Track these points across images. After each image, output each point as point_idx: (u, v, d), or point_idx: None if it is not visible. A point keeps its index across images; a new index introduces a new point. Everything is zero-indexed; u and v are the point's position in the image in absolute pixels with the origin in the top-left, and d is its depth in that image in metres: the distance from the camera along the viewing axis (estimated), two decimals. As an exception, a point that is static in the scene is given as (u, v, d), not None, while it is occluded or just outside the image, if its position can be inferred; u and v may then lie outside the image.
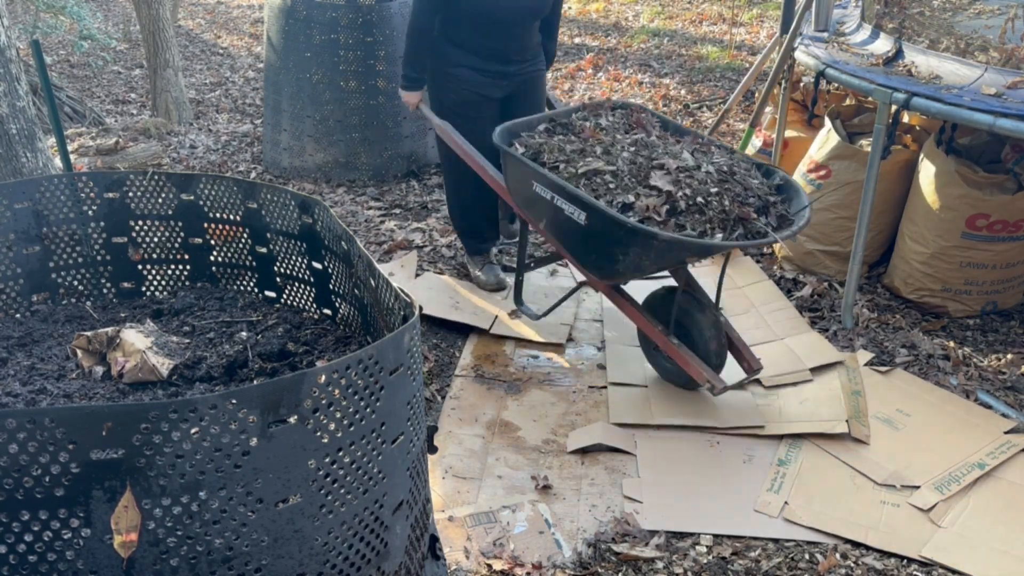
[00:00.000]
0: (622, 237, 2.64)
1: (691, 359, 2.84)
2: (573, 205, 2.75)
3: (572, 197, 2.74)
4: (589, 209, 2.69)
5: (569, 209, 2.77)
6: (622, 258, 2.70)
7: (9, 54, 3.12)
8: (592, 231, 2.73)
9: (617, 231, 2.63)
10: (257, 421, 1.32)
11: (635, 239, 2.60)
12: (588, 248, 2.82)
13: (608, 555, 2.36)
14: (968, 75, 3.22)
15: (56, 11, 6.43)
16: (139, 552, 1.30)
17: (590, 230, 2.73)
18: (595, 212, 2.67)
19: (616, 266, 2.75)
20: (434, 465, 2.69)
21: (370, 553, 1.53)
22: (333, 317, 2.19)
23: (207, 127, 6.12)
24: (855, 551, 2.35)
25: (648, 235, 2.55)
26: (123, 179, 2.24)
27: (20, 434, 1.23)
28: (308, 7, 4.79)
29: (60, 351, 2.00)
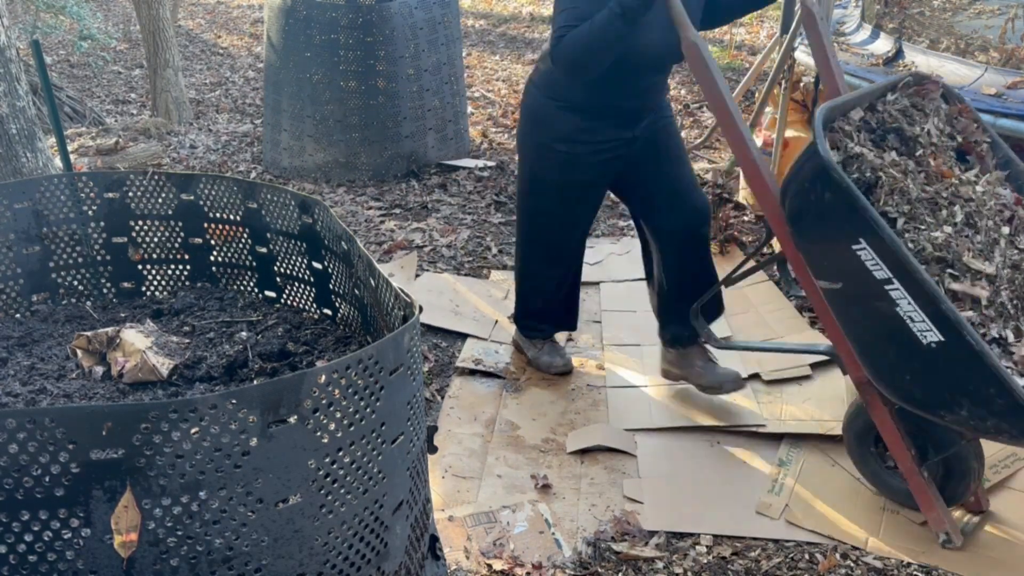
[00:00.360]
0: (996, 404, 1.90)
1: (938, 505, 2.26)
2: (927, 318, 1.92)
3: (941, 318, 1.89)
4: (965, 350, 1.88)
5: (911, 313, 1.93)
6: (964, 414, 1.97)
7: (9, 54, 3.12)
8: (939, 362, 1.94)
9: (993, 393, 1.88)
10: (257, 421, 1.32)
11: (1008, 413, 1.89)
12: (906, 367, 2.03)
13: (608, 554, 2.36)
14: (968, 75, 3.23)
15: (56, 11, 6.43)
16: (139, 552, 1.30)
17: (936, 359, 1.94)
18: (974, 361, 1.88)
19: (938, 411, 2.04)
20: (433, 464, 2.69)
21: (370, 553, 1.53)
22: (333, 317, 2.19)
23: (207, 127, 6.13)
24: (855, 551, 2.35)
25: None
26: (123, 179, 2.24)
27: (20, 434, 1.23)
28: (308, 7, 4.79)
29: (60, 351, 2.00)
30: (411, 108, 5.02)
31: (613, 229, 4.40)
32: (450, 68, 5.21)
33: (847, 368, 2.36)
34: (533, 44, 8.22)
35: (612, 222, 4.48)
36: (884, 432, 2.31)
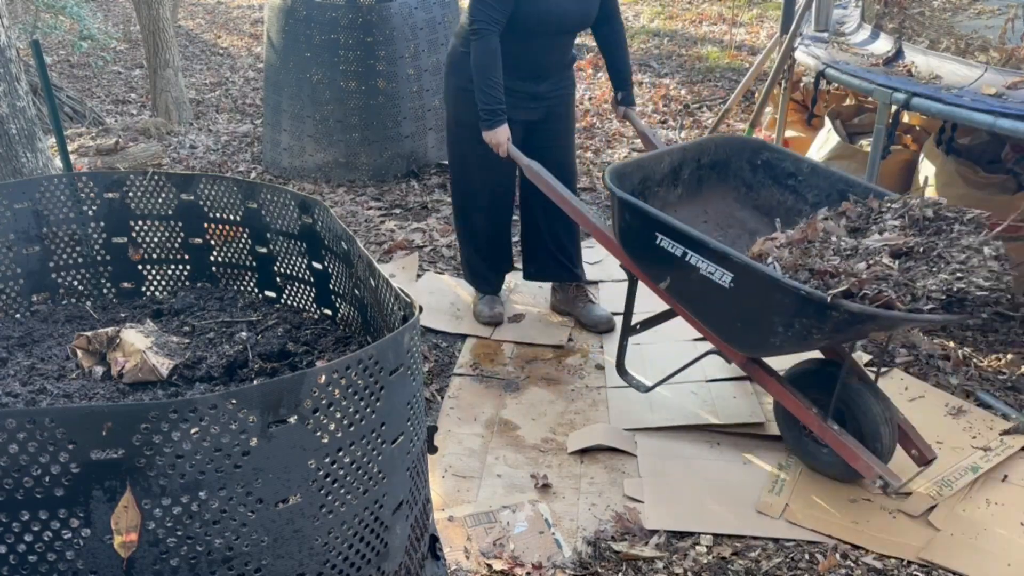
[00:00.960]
0: (788, 306, 2.21)
1: (859, 449, 2.37)
2: (715, 264, 2.32)
3: (717, 255, 2.31)
4: (741, 271, 2.27)
5: (707, 267, 2.34)
6: (782, 330, 2.25)
7: (9, 54, 3.12)
8: (742, 295, 2.30)
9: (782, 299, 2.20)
10: (257, 421, 1.32)
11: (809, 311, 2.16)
12: (733, 316, 2.39)
13: (608, 554, 2.36)
14: (968, 75, 3.23)
15: (56, 11, 6.44)
16: (139, 552, 1.30)
17: (739, 293, 2.30)
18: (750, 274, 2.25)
19: (771, 339, 2.31)
20: (433, 464, 2.69)
21: (370, 553, 1.53)
22: (333, 317, 2.19)
23: (207, 127, 6.13)
24: (855, 551, 2.35)
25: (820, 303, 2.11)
26: (123, 179, 2.24)
27: (20, 434, 1.23)
28: (308, 7, 4.79)
29: (60, 351, 2.00)
30: (411, 108, 5.02)
31: (613, 229, 4.40)
32: (450, 68, 5.20)
33: (727, 355, 2.63)
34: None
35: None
36: (781, 399, 2.52)
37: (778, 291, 2.21)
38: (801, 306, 2.18)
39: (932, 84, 3.21)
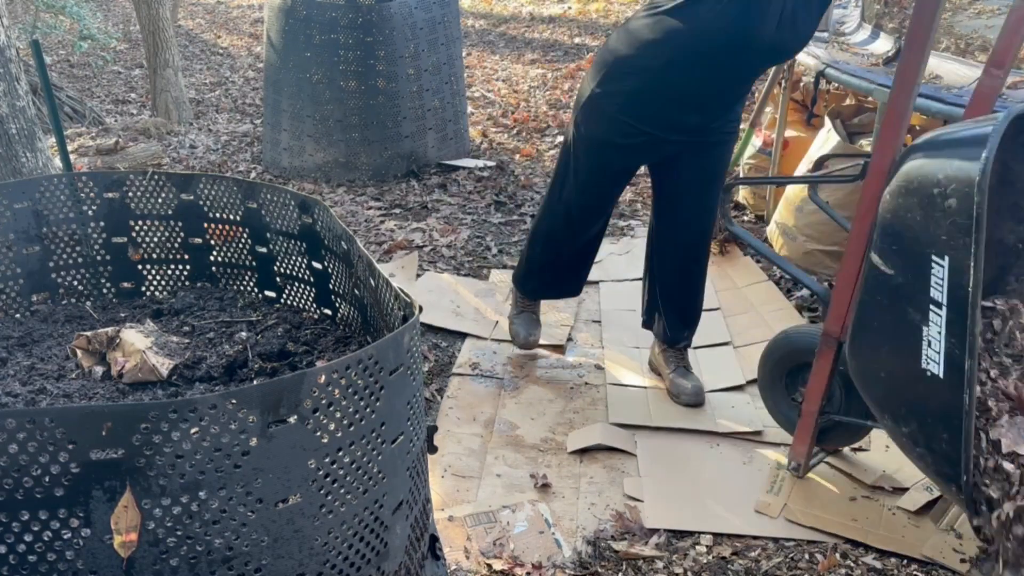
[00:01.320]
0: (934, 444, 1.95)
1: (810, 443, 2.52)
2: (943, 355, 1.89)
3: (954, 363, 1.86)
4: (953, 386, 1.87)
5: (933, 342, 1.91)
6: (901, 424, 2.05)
7: (9, 54, 3.12)
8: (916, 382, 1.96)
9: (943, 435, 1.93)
10: (257, 421, 1.32)
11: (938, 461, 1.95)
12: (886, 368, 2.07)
13: (608, 553, 2.36)
14: (968, 75, 3.23)
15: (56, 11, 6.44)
16: (139, 552, 1.30)
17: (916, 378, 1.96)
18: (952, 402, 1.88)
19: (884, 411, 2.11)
20: (433, 464, 2.69)
21: (370, 553, 1.53)
22: (333, 317, 2.19)
23: (207, 127, 6.13)
24: (855, 551, 2.35)
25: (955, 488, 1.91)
26: (123, 179, 2.24)
27: (20, 434, 1.23)
28: (308, 7, 4.80)
29: (60, 351, 2.00)
30: (411, 108, 5.02)
31: (613, 229, 4.40)
32: (450, 68, 5.21)
33: (827, 318, 2.38)
34: (533, 44, 8.22)
35: (612, 222, 4.48)
36: (815, 378, 2.44)
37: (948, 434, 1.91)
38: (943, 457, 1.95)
39: (932, 84, 3.21)
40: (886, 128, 2.13)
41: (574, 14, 9.23)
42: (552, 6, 9.60)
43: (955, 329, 1.86)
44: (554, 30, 8.65)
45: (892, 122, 2.12)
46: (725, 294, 3.71)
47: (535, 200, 4.67)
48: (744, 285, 3.77)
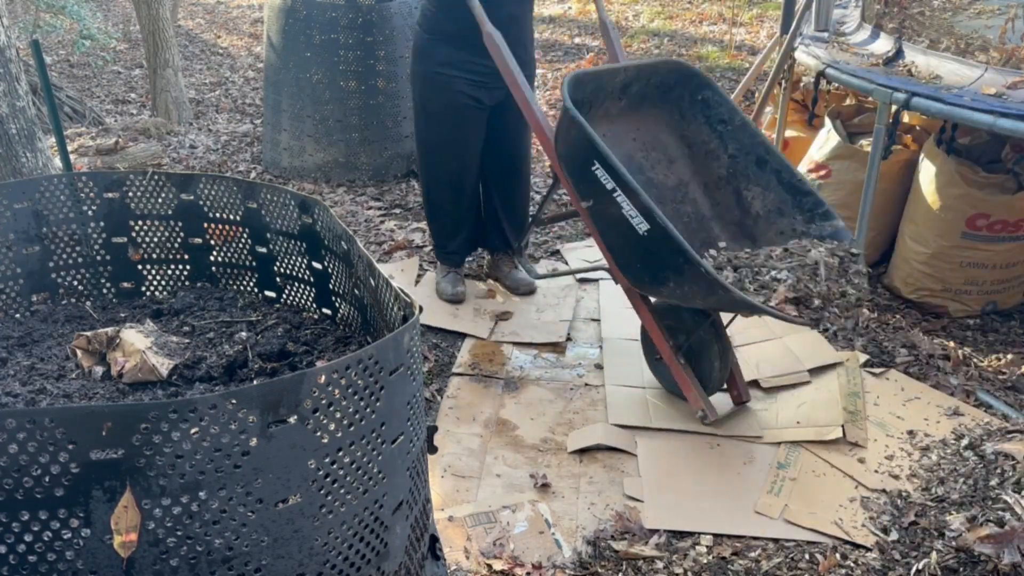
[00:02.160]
0: (686, 272, 2.47)
1: (693, 384, 2.83)
2: (637, 212, 2.52)
3: (643, 208, 2.50)
4: (659, 230, 2.48)
5: (630, 211, 2.53)
6: (672, 285, 2.56)
7: (9, 54, 3.12)
8: (651, 246, 2.53)
9: (681, 263, 2.46)
10: (257, 421, 1.32)
11: (700, 281, 2.45)
12: (636, 256, 2.64)
13: (607, 553, 2.36)
14: (968, 75, 3.23)
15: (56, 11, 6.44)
16: (139, 552, 1.30)
17: (649, 243, 2.53)
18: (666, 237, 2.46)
19: (660, 287, 2.64)
20: (433, 464, 2.69)
21: (370, 553, 1.53)
22: (333, 317, 2.19)
23: (207, 127, 6.13)
24: (855, 551, 2.35)
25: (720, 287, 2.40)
26: (123, 179, 2.24)
27: (20, 434, 1.23)
28: (308, 7, 4.79)
29: (60, 351, 2.00)
30: (411, 108, 5.00)
31: (613, 229, 4.40)
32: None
33: (615, 277, 2.88)
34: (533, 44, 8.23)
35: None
36: (647, 326, 2.88)
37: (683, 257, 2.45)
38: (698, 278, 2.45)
39: (932, 84, 3.21)
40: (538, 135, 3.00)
41: (574, 14, 9.23)
42: (552, 6, 9.60)
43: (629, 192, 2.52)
44: (554, 30, 8.65)
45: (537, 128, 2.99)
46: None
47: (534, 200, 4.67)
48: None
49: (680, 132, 3.03)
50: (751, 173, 2.89)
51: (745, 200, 2.91)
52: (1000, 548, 2.19)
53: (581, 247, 4.17)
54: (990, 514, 2.30)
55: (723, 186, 2.96)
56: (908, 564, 2.27)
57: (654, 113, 3.03)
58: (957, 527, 2.30)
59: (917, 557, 2.28)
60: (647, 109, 3.02)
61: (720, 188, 2.97)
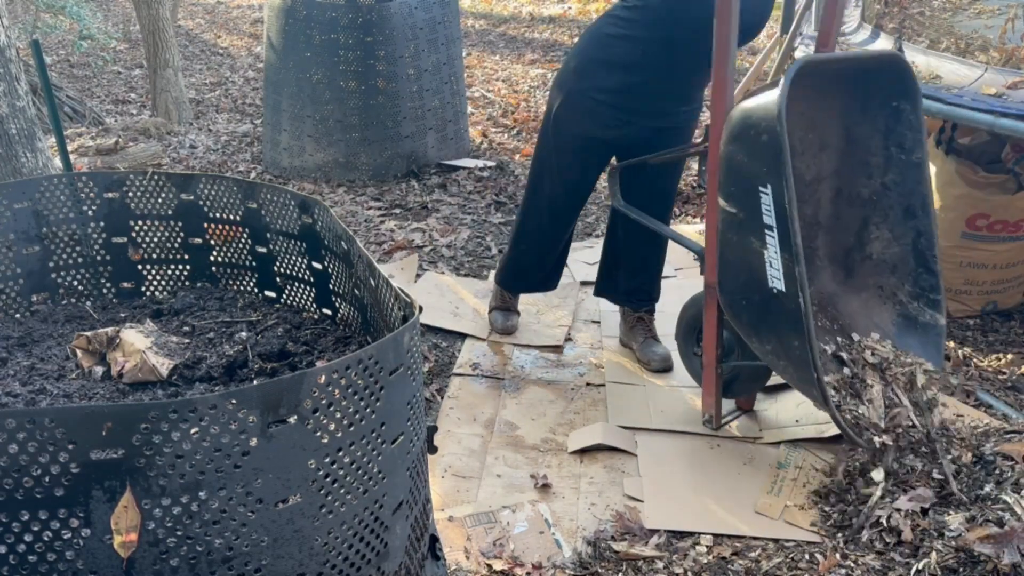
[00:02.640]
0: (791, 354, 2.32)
1: (717, 393, 2.76)
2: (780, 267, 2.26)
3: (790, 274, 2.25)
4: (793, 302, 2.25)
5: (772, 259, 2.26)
6: (768, 348, 2.42)
7: (9, 54, 3.12)
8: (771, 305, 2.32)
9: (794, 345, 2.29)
10: (257, 421, 1.32)
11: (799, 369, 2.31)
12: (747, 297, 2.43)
13: (608, 553, 2.36)
14: (968, 75, 3.23)
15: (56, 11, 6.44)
16: (139, 552, 1.30)
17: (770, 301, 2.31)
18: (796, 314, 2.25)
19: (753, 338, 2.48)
20: (433, 464, 2.69)
21: (370, 553, 1.53)
22: (333, 317, 2.19)
23: (207, 127, 6.13)
24: (856, 551, 2.35)
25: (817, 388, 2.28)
26: (123, 179, 2.24)
27: (20, 434, 1.23)
28: (308, 7, 4.80)
29: (60, 351, 2.00)
30: (411, 108, 5.02)
31: (613, 229, 4.40)
32: (450, 68, 5.21)
33: (705, 270, 2.64)
34: (533, 44, 8.22)
35: (612, 222, 4.48)
36: (707, 328, 2.70)
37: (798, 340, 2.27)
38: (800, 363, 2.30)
39: (932, 84, 3.21)
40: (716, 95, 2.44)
41: (574, 14, 9.23)
42: (552, 6, 9.60)
43: (786, 245, 2.22)
44: (554, 30, 8.65)
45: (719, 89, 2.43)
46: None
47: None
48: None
49: (851, 124, 2.60)
50: (892, 215, 2.57)
51: (868, 235, 2.62)
52: (1000, 548, 2.19)
53: (581, 247, 4.17)
54: (990, 514, 2.30)
55: (856, 205, 2.63)
56: (908, 564, 2.27)
57: (839, 94, 2.58)
58: (957, 527, 2.30)
59: (917, 557, 2.28)
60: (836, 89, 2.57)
61: (852, 205, 2.63)
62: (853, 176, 2.63)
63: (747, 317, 2.46)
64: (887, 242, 2.60)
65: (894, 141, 2.55)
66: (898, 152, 2.55)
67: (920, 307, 2.55)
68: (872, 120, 2.57)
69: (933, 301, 2.54)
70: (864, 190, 2.62)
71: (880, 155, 2.57)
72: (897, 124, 2.53)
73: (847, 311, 2.64)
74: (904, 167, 2.54)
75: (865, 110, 2.57)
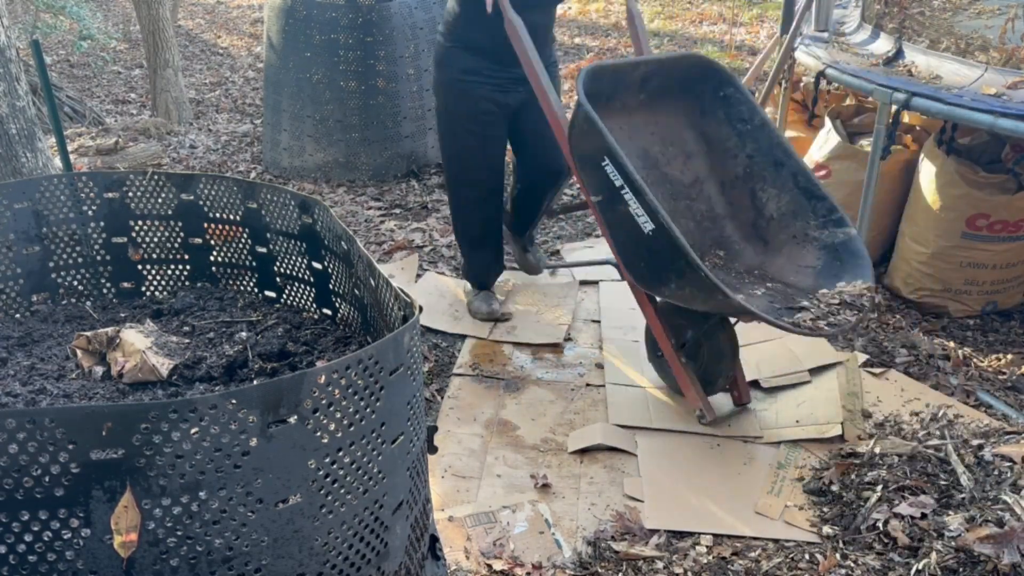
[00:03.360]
0: (687, 274, 2.49)
1: (692, 383, 2.83)
2: (643, 211, 2.54)
3: (649, 207, 2.52)
4: (663, 230, 2.50)
5: (636, 209, 2.56)
6: (673, 287, 2.59)
7: (9, 54, 3.12)
8: (654, 245, 2.55)
9: (683, 265, 2.48)
10: (257, 421, 1.32)
11: (700, 285, 2.46)
12: (641, 255, 2.67)
13: (608, 553, 2.36)
14: (968, 75, 3.23)
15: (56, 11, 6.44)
16: (139, 552, 1.30)
17: (652, 243, 2.55)
18: (670, 239, 2.48)
19: (662, 287, 2.67)
20: (433, 464, 2.69)
21: (370, 553, 1.53)
22: (333, 317, 2.19)
23: (207, 127, 6.13)
24: (855, 551, 2.35)
25: (720, 292, 2.41)
26: (123, 179, 2.24)
27: (20, 434, 1.23)
28: (308, 7, 4.80)
29: (60, 351, 2.00)
30: (411, 108, 5.02)
31: (613, 229, 4.40)
32: (450, 68, 5.21)
33: (621, 274, 2.89)
34: (533, 44, 8.24)
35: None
36: (650, 323, 2.90)
37: (685, 260, 2.47)
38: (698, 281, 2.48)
39: (932, 84, 3.21)
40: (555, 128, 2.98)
41: (574, 14, 9.23)
42: (552, 6, 9.61)
43: (636, 189, 2.54)
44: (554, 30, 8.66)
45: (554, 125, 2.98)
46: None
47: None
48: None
49: (700, 128, 2.97)
50: (768, 174, 2.85)
51: (760, 201, 2.88)
52: (1000, 548, 2.19)
53: (581, 247, 4.17)
54: (989, 514, 2.30)
55: (739, 185, 2.92)
56: (908, 564, 2.27)
57: (675, 107, 2.97)
58: (957, 527, 2.30)
59: (917, 557, 2.28)
60: (668, 103, 2.95)
61: (736, 187, 2.92)
62: (724, 165, 2.95)
63: (648, 272, 2.69)
64: (776, 197, 2.85)
65: (736, 119, 2.91)
66: (743, 126, 2.90)
67: (831, 231, 2.73)
68: (713, 115, 2.95)
69: (836, 220, 2.73)
70: (738, 169, 2.92)
71: (733, 137, 2.92)
72: (731, 107, 2.91)
73: (778, 272, 2.80)
74: (754, 134, 2.88)
75: (704, 112, 2.96)
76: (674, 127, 2.98)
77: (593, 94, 2.70)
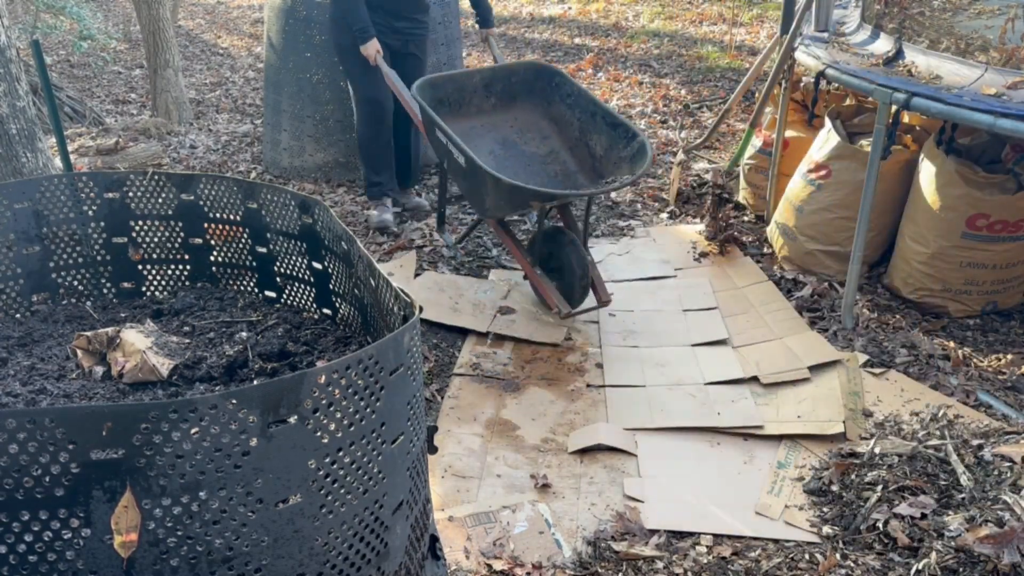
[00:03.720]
0: (482, 179, 3.18)
1: (549, 287, 3.43)
2: (457, 150, 3.28)
3: (459, 148, 3.28)
4: (463, 154, 3.24)
5: (458, 156, 3.28)
6: (492, 198, 3.27)
7: (9, 54, 3.12)
8: (469, 173, 3.27)
9: (478, 173, 3.17)
10: (257, 421, 1.32)
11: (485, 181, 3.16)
12: (470, 189, 3.41)
13: (608, 553, 2.36)
14: (968, 75, 3.22)
15: (56, 11, 6.44)
16: (139, 552, 1.30)
17: (468, 173, 3.27)
18: (471, 160, 3.18)
19: (485, 203, 3.34)
20: (433, 464, 2.69)
21: (370, 553, 1.53)
22: (333, 317, 2.19)
23: (207, 127, 6.13)
24: (855, 551, 2.35)
25: (494, 178, 3.12)
26: (123, 179, 2.24)
27: (20, 434, 1.23)
28: (308, 7, 4.79)
29: (60, 351, 2.00)
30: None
31: (613, 229, 4.40)
32: (450, 68, 5.21)
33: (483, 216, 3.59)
34: (533, 44, 8.23)
35: (612, 222, 4.48)
36: (507, 246, 3.58)
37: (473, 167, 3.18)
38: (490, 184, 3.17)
39: (932, 84, 3.20)
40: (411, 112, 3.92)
41: (574, 14, 9.23)
42: (552, 6, 9.60)
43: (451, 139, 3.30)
44: (554, 30, 8.65)
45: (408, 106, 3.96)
46: (724, 294, 3.71)
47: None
48: (744, 285, 3.77)
49: (550, 114, 3.82)
50: (589, 126, 3.65)
51: (592, 148, 3.65)
52: (1000, 548, 2.19)
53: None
54: (989, 514, 2.30)
55: (579, 144, 3.71)
56: (908, 564, 2.27)
57: (528, 104, 3.84)
58: (957, 527, 2.30)
59: (917, 557, 2.28)
60: (521, 101, 3.84)
61: (577, 146, 3.72)
62: (568, 133, 3.76)
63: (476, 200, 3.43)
64: (598, 140, 3.62)
65: (565, 96, 3.77)
66: (569, 98, 3.75)
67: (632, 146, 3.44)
68: (553, 101, 3.80)
69: (631, 135, 3.47)
70: (575, 132, 3.73)
71: (568, 111, 3.76)
72: (560, 89, 3.77)
73: None
74: (577, 101, 3.71)
75: (549, 101, 3.82)
76: (531, 118, 3.84)
77: (439, 100, 3.63)
